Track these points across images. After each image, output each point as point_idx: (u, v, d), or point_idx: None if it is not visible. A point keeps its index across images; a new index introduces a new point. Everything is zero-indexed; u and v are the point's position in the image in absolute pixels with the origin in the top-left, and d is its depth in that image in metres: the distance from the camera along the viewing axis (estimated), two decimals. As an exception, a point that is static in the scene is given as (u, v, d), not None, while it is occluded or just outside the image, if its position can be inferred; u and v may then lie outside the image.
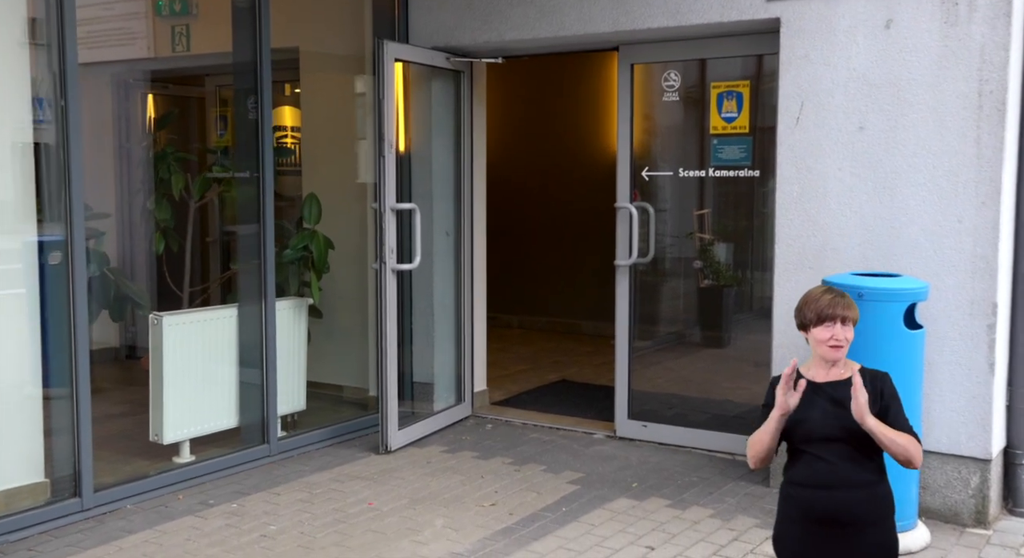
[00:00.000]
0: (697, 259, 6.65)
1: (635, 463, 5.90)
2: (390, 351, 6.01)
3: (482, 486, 5.43)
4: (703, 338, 7.21)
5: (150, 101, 8.05)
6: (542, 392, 7.70)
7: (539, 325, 10.68)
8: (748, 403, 6.32)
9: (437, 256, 6.76)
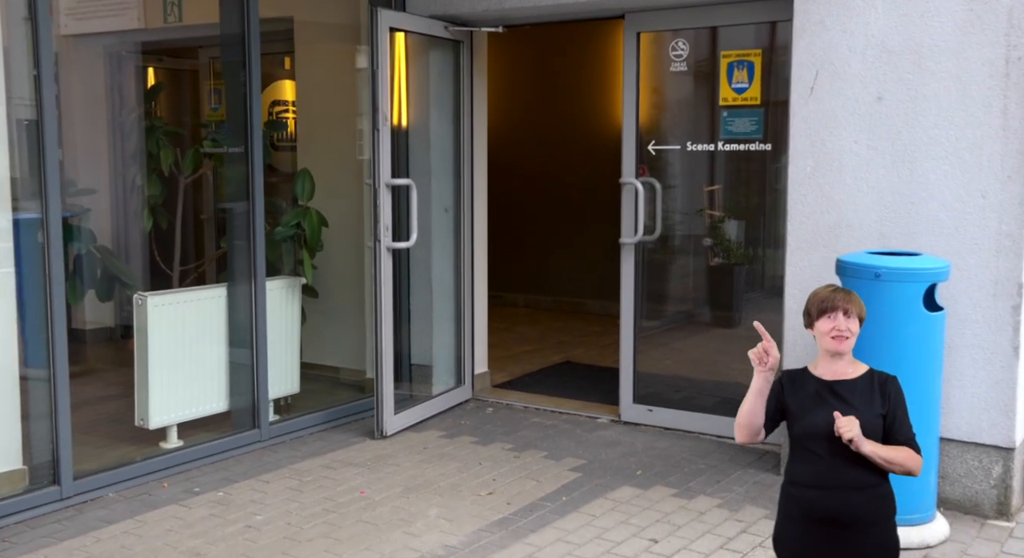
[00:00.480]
0: (707, 237, 6.47)
1: (640, 449, 5.67)
2: (385, 333, 5.78)
3: (480, 473, 5.22)
4: (713, 318, 6.99)
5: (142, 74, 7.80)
6: (545, 374, 7.47)
7: (545, 304, 10.45)
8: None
9: (436, 233, 6.52)
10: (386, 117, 5.66)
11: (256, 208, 5.53)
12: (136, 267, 6.53)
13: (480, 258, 6.86)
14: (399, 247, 5.84)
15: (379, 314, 5.75)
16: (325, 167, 6.74)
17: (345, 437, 5.86)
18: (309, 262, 5.99)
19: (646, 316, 6.58)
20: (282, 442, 5.74)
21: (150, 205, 6.15)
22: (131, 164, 6.62)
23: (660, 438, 5.88)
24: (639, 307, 6.42)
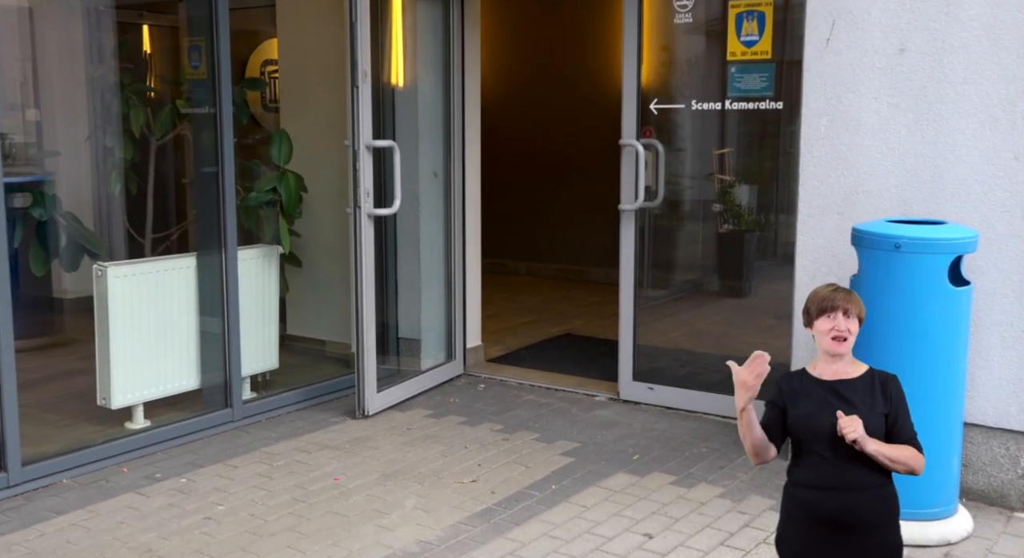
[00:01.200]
0: (716, 202, 6.16)
1: (638, 430, 5.29)
2: (366, 306, 5.40)
3: (464, 458, 4.85)
4: (721, 287, 6.65)
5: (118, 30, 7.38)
6: (543, 347, 7.09)
7: (548, 272, 10.06)
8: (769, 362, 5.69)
9: (425, 199, 6.11)
10: (366, 73, 5.24)
11: (225, 172, 5.13)
12: (106, 235, 6.16)
13: (473, 225, 6.46)
14: (381, 214, 5.44)
15: (359, 285, 5.37)
16: (311, 128, 6.34)
17: (325, 416, 5.50)
18: (286, 229, 5.60)
19: (651, 285, 6.26)
20: (256, 422, 5.38)
21: (117, 168, 5.76)
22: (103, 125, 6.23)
23: (660, 418, 5.50)
24: (642, 278, 6.07)
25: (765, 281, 6.39)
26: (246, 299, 5.50)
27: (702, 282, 6.71)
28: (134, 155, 5.99)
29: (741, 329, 6.46)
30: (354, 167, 5.28)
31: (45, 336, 6.69)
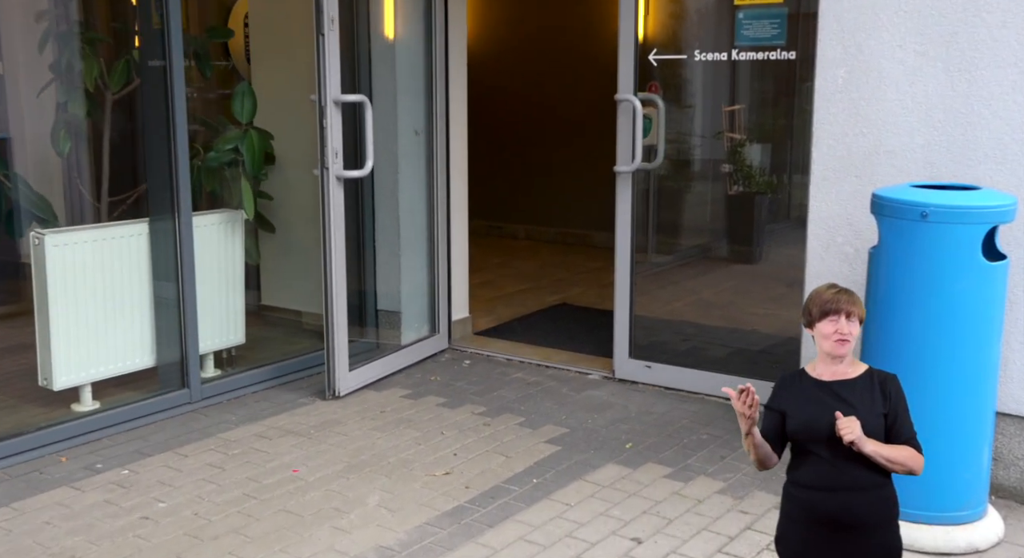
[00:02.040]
0: (725, 162, 5.78)
1: (634, 414, 4.84)
2: (336, 277, 4.93)
3: (439, 446, 4.40)
4: (730, 253, 6.24)
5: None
6: (536, 319, 6.62)
7: (547, 236, 9.59)
8: (778, 335, 5.35)
9: (404, 160, 5.62)
10: (333, 20, 4.73)
11: (177, 130, 4.65)
12: (58, 198, 5.69)
13: (459, 188, 5.97)
14: (352, 176, 4.95)
15: (328, 255, 4.90)
16: (286, 82, 5.83)
17: (293, 397, 5.06)
18: (250, 192, 5.11)
19: (655, 250, 5.91)
20: (217, 403, 4.94)
21: (65, 126, 5.28)
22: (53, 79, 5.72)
23: (659, 400, 5.04)
24: (646, 243, 5.73)
25: (776, 246, 6.00)
26: (206, 269, 5.05)
27: (709, 247, 6.30)
28: (88, 111, 5.50)
29: (750, 298, 6.03)
30: (321, 124, 4.79)
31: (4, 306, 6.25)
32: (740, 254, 6.17)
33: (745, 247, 6.20)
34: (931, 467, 3.50)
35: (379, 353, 5.51)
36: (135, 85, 5.34)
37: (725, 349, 5.78)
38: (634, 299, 5.38)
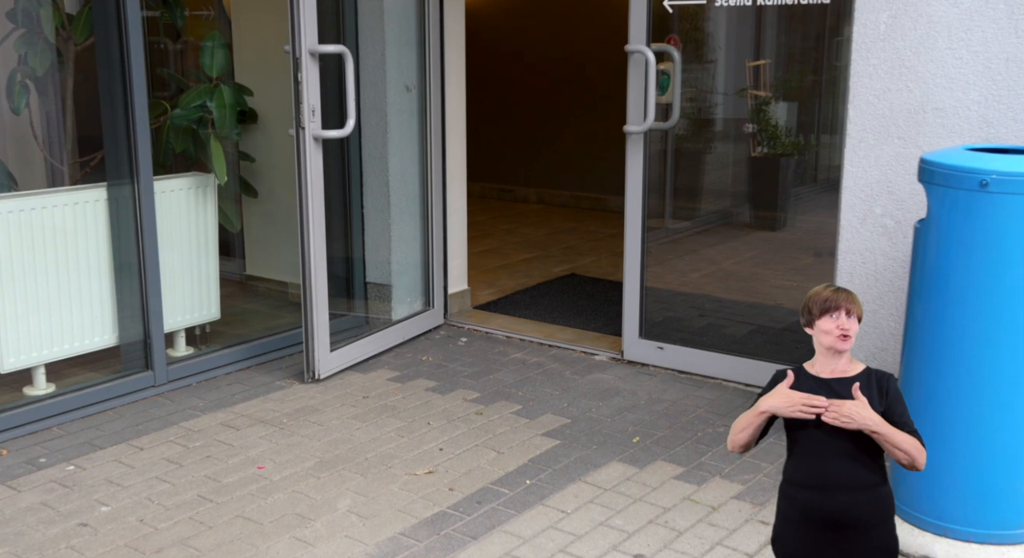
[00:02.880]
0: (749, 121, 5.43)
1: (643, 401, 4.36)
2: (314, 247, 4.46)
3: (424, 439, 3.95)
4: (752, 219, 5.81)
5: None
6: (542, 291, 6.13)
7: (560, 200, 9.09)
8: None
9: (395, 118, 5.12)
10: (308, -40, 4.21)
11: (134, 85, 4.16)
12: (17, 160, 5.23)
13: (456, 149, 5.47)
14: (330, 136, 4.46)
15: (305, 224, 4.42)
16: (270, 33, 5.34)
17: (269, 379, 4.62)
18: (221, 154, 4.63)
19: (671, 215, 5.55)
20: (185, 386, 4.50)
21: (21, 80, 4.79)
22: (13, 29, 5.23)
23: (671, 385, 4.56)
24: (662, 208, 5.38)
25: (803, 212, 5.61)
26: (174, 238, 4.59)
27: (730, 213, 5.89)
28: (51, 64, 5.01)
29: (774, 269, 5.56)
30: (295, 78, 4.29)
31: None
32: (763, 221, 5.76)
33: (769, 213, 5.76)
34: (988, 478, 3.03)
35: (367, 330, 5.05)
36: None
37: (746, 327, 5.31)
38: (645, 274, 4.89)
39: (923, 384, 3.08)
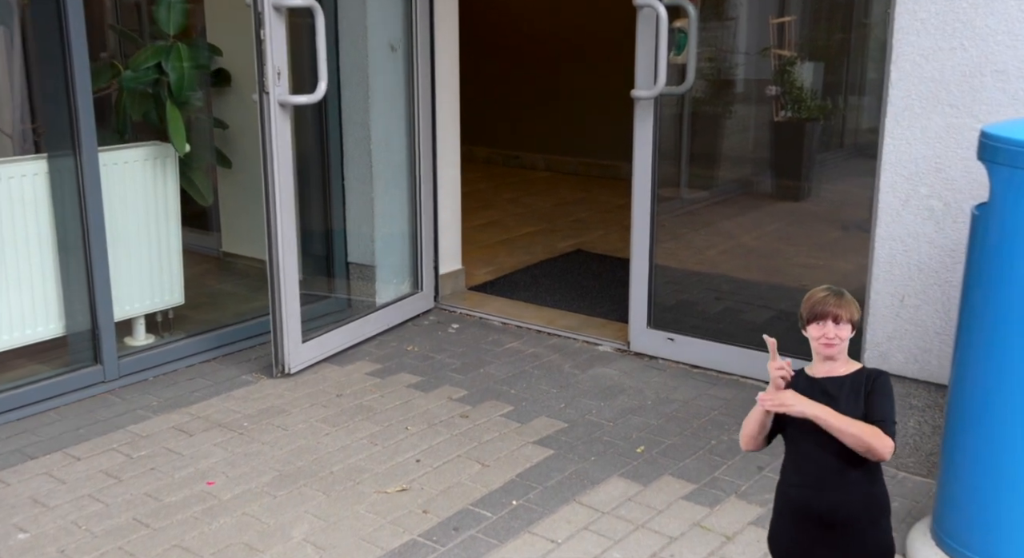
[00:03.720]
0: (772, 83, 5.13)
1: (650, 402, 3.88)
2: (282, 227, 3.97)
3: (400, 448, 3.48)
4: (774, 188, 5.47)
5: None
6: (544, 270, 5.64)
7: (569, 167, 8.57)
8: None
9: (377, 81, 4.61)
10: (270, -101, 3.69)
11: (72, 42, 3.66)
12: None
13: (448, 115, 4.96)
14: (298, 102, 3.96)
15: (271, 199, 3.94)
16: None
17: (235, 373, 4.16)
18: (178, 121, 4.13)
19: (686, 184, 5.19)
20: (140, 382, 4.05)
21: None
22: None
23: (683, 382, 4.08)
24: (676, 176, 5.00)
25: (829, 181, 5.29)
26: (128, 216, 4.12)
27: (751, 182, 5.54)
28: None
29: (798, 244, 5.12)
30: (258, 37, 3.78)
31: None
32: (786, 190, 5.40)
33: (792, 182, 5.38)
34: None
35: (347, 317, 4.58)
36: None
37: (766, 312, 4.82)
38: (655, 254, 4.39)
39: (978, 392, 2.60)
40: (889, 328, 3.31)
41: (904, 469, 3.36)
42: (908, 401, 3.32)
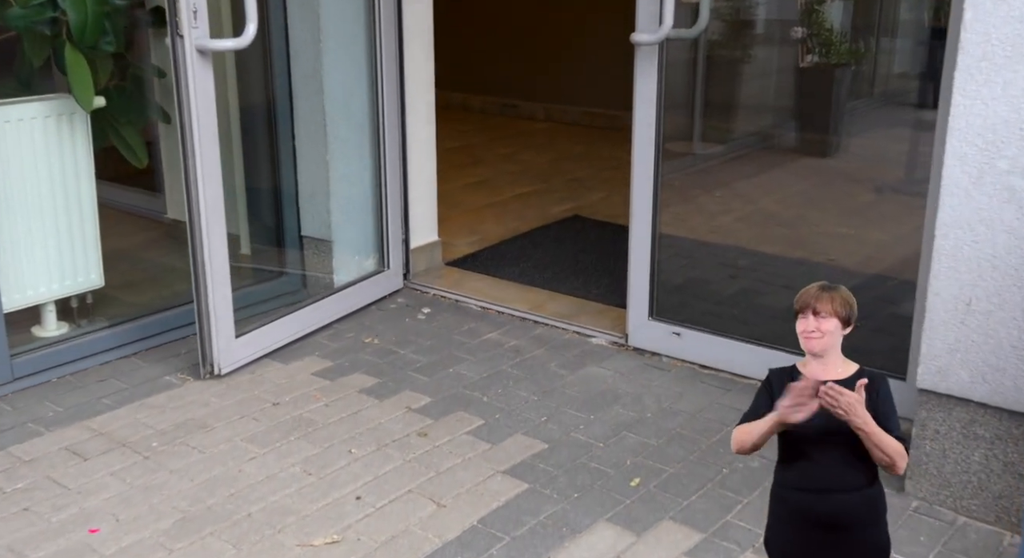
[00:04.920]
0: (797, 25, 4.73)
1: (650, 414, 3.21)
2: (205, 196, 3.28)
3: (339, 479, 2.83)
4: (799, 143, 4.92)
5: None
6: (535, 240, 4.95)
7: (571, 118, 7.85)
8: (869, 270, 4.01)
9: (331, 23, 3.88)
10: None
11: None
12: None
13: (419, 64, 4.24)
14: (220, 48, 3.24)
15: (191, 165, 3.24)
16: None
17: (157, 372, 3.50)
18: (82, 69, 3.40)
19: (700, 138, 4.70)
20: (41, 384, 3.40)
21: None
22: None
23: (690, 386, 3.40)
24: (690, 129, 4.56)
25: (861, 134, 4.79)
26: (27, 184, 3.43)
27: (772, 136, 5.02)
28: None
29: (825, 209, 4.58)
30: (167, -35, 3.06)
31: None
32: (812, 145, 4.86)
33: (819, 136, 4.88)
34: None
35: (298, 301, 3.92)
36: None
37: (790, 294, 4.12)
38: (658, 229, 3.70)
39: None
40: (951, 338, 2.62)
41: (965, 513, 2.69)
42: (972, 429, 2.64)
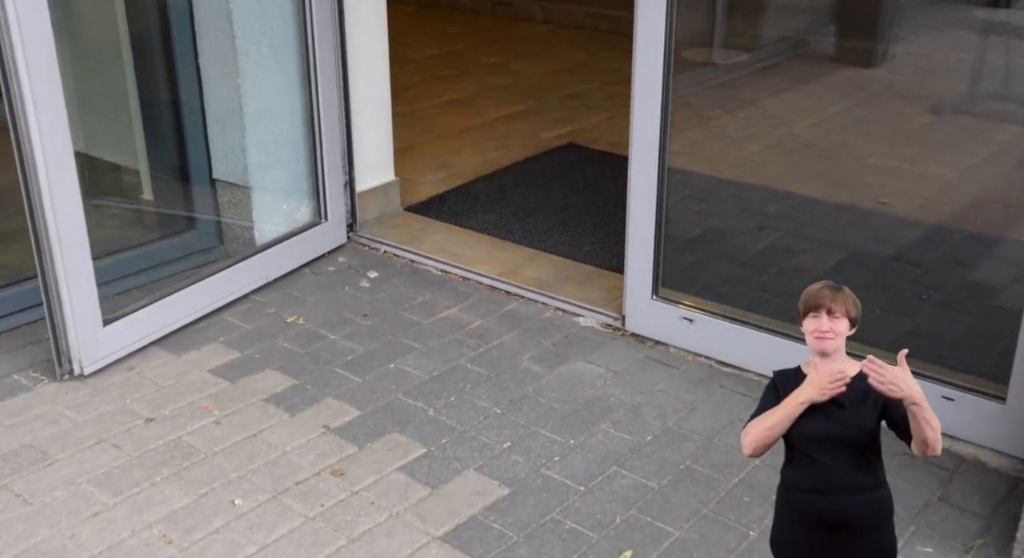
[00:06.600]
0: None
1: (651, 436, 2.40)
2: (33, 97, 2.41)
3: (209, 549, 2.02)
4: (837, 50, 4.20)
5: None
6: (519, 177, 4.06)
7: (572, 19, 6.96)
8: (942, 228, 3.38)
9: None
10: None
11: None
12: None
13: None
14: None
15: (15, 93, 2.37)
16: None
17: (11, 366, 2.68)
18: None
19: (720, 43, 4.01)
20: None
21: None
22: None
23: (705, 391, 2.57)
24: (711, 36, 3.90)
25: (913, 38, 3.98)
26: None
27: (806, 41, 4.30)
28: None
29: (870, 134, 3.84)
30: None
31: None
32: (854, 53, 4.16)
33: (862, 42, 4.14)
34: None
35: (217, 260, 3.08)
36: None
37: (833, 253, 3.40)
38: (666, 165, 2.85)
39: None
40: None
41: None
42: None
